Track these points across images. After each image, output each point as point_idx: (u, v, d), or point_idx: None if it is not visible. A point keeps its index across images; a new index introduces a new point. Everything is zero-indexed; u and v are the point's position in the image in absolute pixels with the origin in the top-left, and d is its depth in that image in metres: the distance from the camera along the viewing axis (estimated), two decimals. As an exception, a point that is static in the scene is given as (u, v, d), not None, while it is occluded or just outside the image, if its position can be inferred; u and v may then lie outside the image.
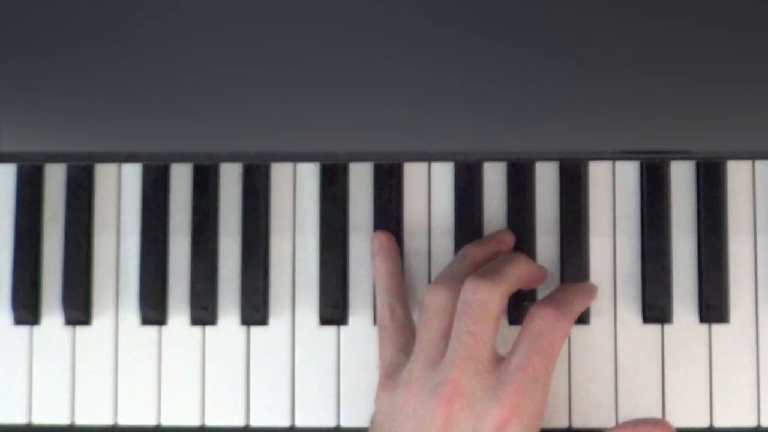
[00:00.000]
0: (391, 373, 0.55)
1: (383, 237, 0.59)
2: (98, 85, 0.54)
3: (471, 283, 0.53)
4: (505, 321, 0.58)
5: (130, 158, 0.58)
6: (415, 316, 0.58)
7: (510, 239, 0.58)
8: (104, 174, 0.61)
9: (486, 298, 0.52)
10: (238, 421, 0.59)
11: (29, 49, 0.54)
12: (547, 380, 0.51)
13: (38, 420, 0.60)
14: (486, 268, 0.54)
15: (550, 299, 0.54)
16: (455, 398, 0.51)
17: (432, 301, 0.54)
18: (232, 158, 0.58)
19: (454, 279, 0.54)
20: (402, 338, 0.56)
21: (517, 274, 0.54)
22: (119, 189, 0.61)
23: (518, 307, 0.58)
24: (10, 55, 0.54)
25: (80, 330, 0.60)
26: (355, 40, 0.53)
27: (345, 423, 0.59)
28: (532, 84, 0.53)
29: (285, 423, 0.59)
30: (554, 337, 0.52)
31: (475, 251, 0.57)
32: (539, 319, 0.52)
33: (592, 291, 0.57)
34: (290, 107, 0.53)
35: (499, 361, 0.52)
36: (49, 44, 0.54)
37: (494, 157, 0.58)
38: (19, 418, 0.60)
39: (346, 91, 0.53)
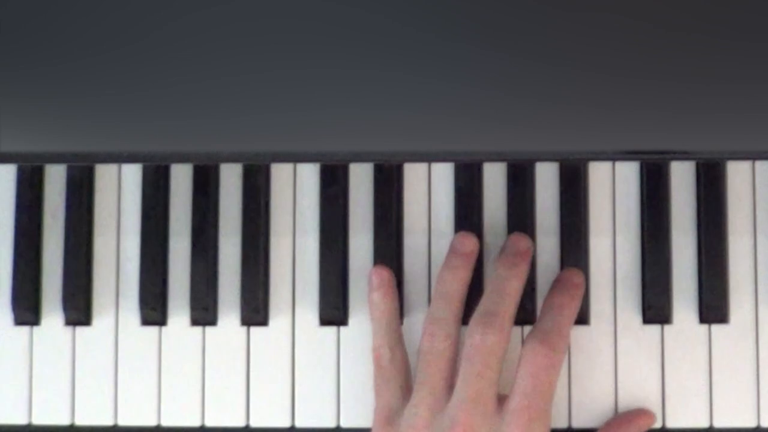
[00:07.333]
0: (389, 417, 0.55)
1: (384, 273, 0.58)
2: (98, 85, 0.54)
3: (478, 329, 0.53)
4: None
5: (130, 158, 0.58)
6: (415, 318, 0.58)
7: (473, 243, 0.57)
8: (104, 174, 0.61)
9: (494, 343, 0.53)
10: (238, 422, 0.59)
11: (30, 50, 0.54)
12: (549, 413, 0.53)
13: (38, 420, 0.60)
14: (487, 311, 0.54)
15: (540, 332, 0.54)
16: None
17: (431, 346, 0.55)
18: (232, 158, 0.58)
19: (447, 320, 0.55)
20: (402, 380, 0.56)
21: (514, 306, 0.55)
22: (119, 189, 0.61)
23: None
24: (10, 55, 0.54)
25: (80, 330, 0.60)
26: (355, 40, 0.53)
27: (345, 423, 0.59)
28: (532, 84, 0.53)
29: (285, 423, 0.59)
30: (550, 376, 0.53)
31: (453, 281, 0.56)
32: (533, 360, 0.53)
33: (578, 292, 0.56)
34: (290, 107, 0.53)
35: (501, 400, 0.53)
36: (49, 44, 0.54)
37: (494, 157, 0.58)
38: (19, 419, 0.60)
39: (346, 92, 0.53)
